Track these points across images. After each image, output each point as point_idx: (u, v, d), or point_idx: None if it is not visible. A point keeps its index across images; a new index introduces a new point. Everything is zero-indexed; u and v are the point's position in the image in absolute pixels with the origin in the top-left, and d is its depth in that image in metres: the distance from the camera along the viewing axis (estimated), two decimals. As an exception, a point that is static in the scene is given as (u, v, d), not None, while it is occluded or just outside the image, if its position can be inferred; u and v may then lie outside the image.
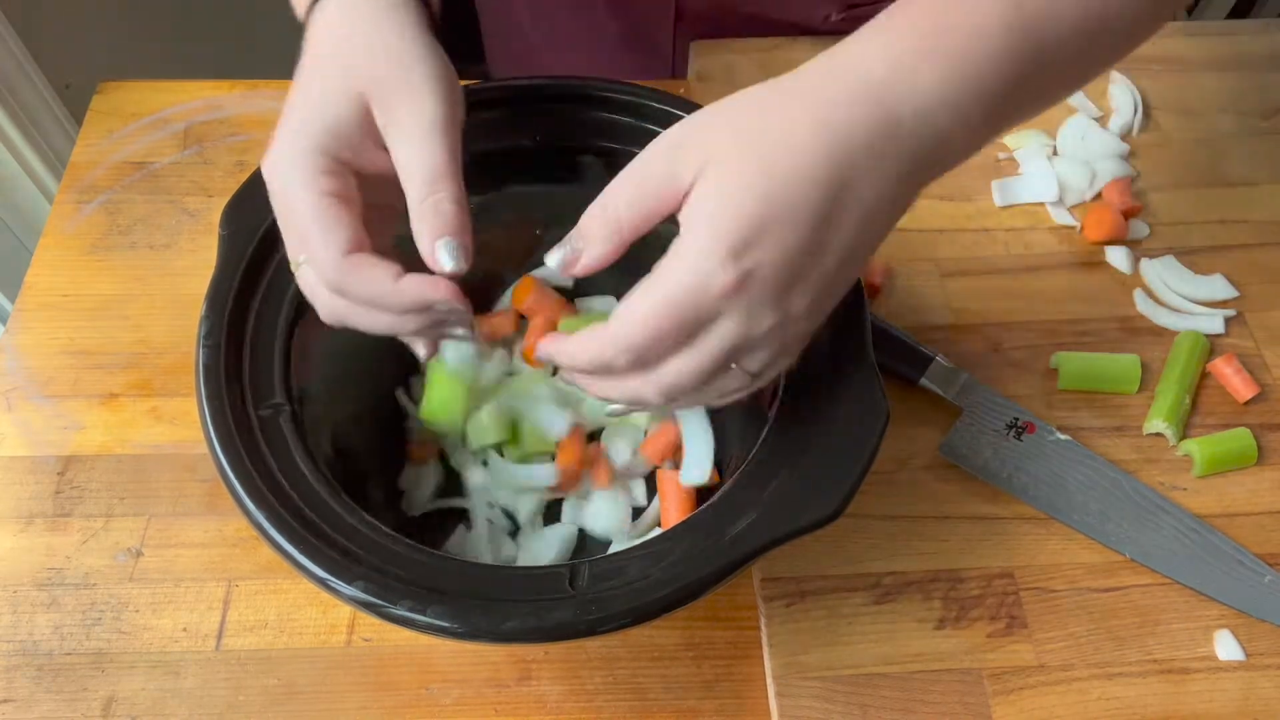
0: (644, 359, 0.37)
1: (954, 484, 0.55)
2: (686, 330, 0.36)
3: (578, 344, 0.38)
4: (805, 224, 0.34)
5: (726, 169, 0.35)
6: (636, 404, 0.39)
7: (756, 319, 0.36)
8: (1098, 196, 0.67)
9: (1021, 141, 0.69)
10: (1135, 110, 0.69)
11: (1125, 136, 0.69)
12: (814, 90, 0.35)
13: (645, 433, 0.55)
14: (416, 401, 0.56)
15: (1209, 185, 0.68)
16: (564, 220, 0.54)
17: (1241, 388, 0.58)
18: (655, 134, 0.49)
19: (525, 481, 0.53)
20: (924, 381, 0.57)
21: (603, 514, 0.53)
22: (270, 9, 1.43)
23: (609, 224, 0.37)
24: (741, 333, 0.36)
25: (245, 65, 1.33)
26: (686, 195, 0.36)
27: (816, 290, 0.36)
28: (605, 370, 0.38)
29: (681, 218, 0.36)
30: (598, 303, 0.57)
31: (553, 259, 0.38)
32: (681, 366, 0.37)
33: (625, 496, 0.54)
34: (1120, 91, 0.71)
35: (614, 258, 0.38)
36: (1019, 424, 0.56)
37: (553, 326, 0.57)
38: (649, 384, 0.37)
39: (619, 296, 0.56)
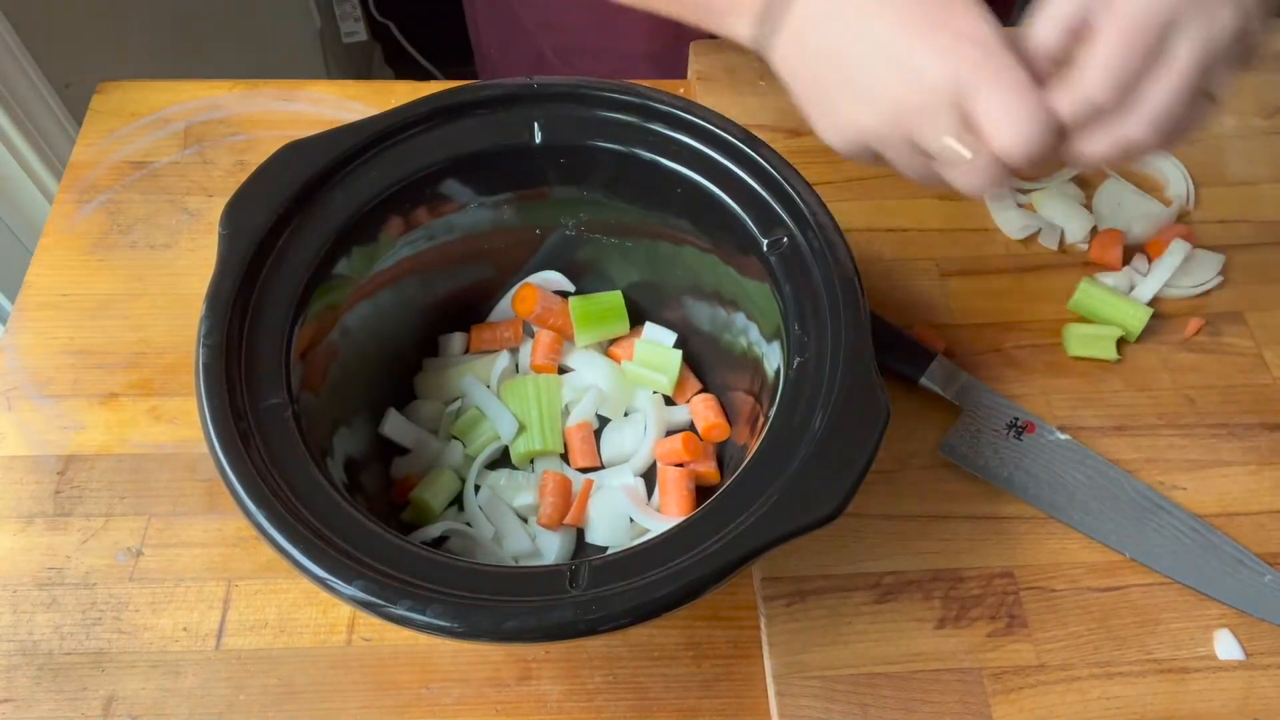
0: (1126, 85, 0.41)
1: (954, 483, 0.55)
2: (1156, 45, 0.40)
3: (1065, 96, 0.41)
4: None
5: None
6: (1128, 149, 0.42)
7: (1215, 17, 0.40)
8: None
9: (1045, 199, 0.67)
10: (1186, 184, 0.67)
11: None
12: None
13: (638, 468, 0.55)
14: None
15: (1209, 185, 0.68)
16: (564, 221, 0.55)
17: None
18: (657, 134, 0.50)
19: (512, 503, 0.53)
20: (924, 381, 0.57)
21: (602, 529, 0.53)
22: (271, 9, 1.43)
23: None
24: (1204, 36, 0.40)
25: (245, 65, 1.33)
26: None
27: None
28: (1094, 112, 0.41)
29: None
30: (651, 331, 0.58)
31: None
32: (1162, 88, 0.40)
33: (623, 510, 0.53)
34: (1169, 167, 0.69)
35: None
36: (1019, 423, 0.56)
37: (561, 340, 0.57)
38: (1138, 119, 0.41)
39: (622, 293, 0.57)
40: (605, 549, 0.53)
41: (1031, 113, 0.41)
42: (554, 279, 0.57)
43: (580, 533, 0.53)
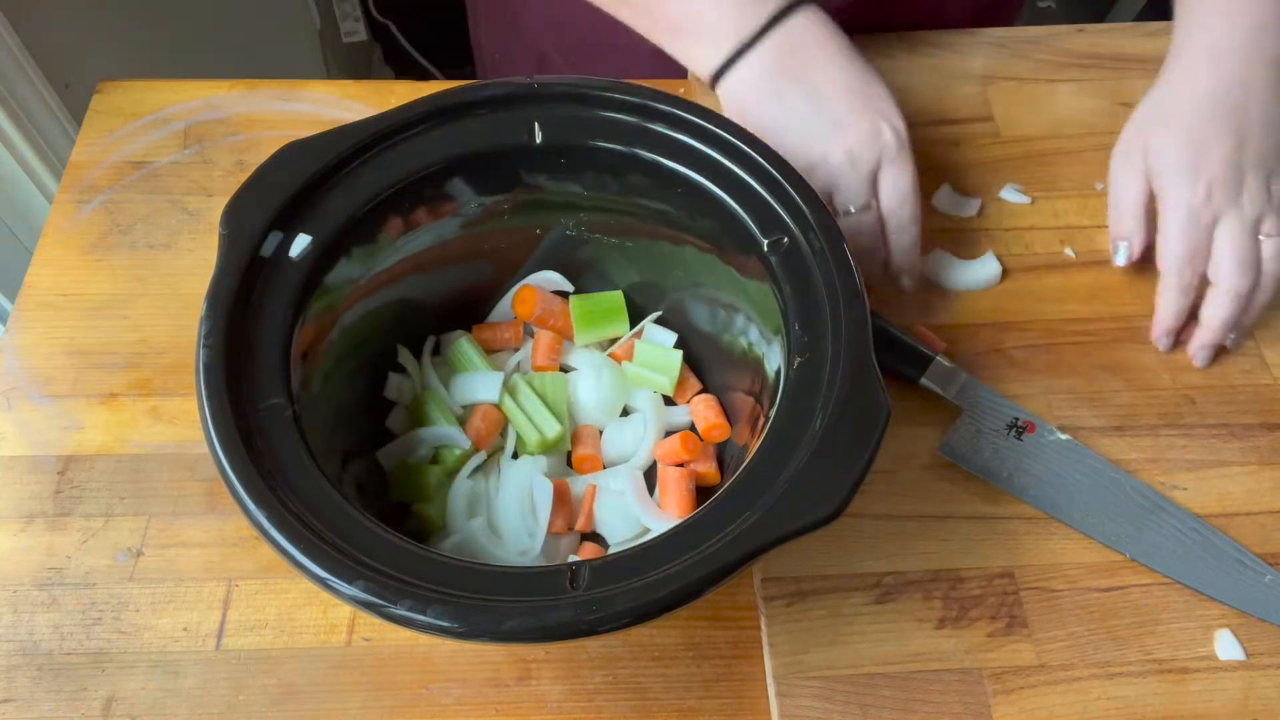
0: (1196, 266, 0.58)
1: (954, 483, 0.55)
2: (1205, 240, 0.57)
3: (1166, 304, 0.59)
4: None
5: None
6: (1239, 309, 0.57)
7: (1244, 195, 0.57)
8: None
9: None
10: None
11: None
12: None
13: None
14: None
15: (1209, 185, 0.68)
16: (564, 221, 0.55)
17: None
18: (657, 134, 0.50)
19: (513, 503, 0.53)
20: (924, 381, 0.57)
21: (617, 530, 0.53)
22: (271, 9, 1.43)
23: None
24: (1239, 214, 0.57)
25: (245, 65, 1.33)
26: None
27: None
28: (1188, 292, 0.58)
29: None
30: (652, 332, 0.58)
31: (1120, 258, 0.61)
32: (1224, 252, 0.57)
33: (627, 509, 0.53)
34: None
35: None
36: (1019, 423, 0.56)
37: (561, 340, 0.57)
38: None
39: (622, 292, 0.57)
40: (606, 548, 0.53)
41: (912, 189, 0.58)
42: (553, 279, 0.57)
43: (580, 534, 0.53)
